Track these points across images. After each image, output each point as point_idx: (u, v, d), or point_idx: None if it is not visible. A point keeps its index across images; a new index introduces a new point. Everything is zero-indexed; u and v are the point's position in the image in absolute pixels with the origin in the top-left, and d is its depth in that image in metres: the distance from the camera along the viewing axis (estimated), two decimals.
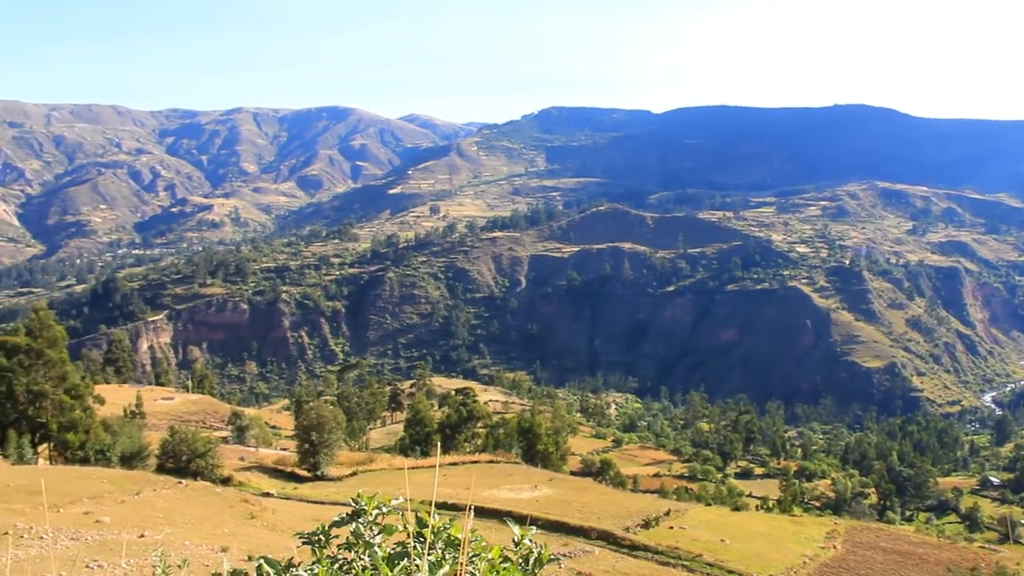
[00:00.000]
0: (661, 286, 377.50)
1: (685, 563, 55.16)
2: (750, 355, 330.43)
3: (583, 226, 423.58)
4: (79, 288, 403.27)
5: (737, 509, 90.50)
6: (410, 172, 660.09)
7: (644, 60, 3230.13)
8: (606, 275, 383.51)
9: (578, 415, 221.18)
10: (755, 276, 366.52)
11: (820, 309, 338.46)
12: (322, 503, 68.71)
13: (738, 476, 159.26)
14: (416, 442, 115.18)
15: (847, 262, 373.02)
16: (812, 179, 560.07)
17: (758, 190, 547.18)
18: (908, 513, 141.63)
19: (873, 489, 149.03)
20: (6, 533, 34.21)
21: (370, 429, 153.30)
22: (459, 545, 4.99)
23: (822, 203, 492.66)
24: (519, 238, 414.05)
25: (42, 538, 34.25)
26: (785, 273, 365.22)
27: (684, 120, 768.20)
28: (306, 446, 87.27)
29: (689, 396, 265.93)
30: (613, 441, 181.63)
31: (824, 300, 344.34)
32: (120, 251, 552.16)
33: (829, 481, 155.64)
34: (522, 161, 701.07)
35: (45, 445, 74.31)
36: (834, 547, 64.63)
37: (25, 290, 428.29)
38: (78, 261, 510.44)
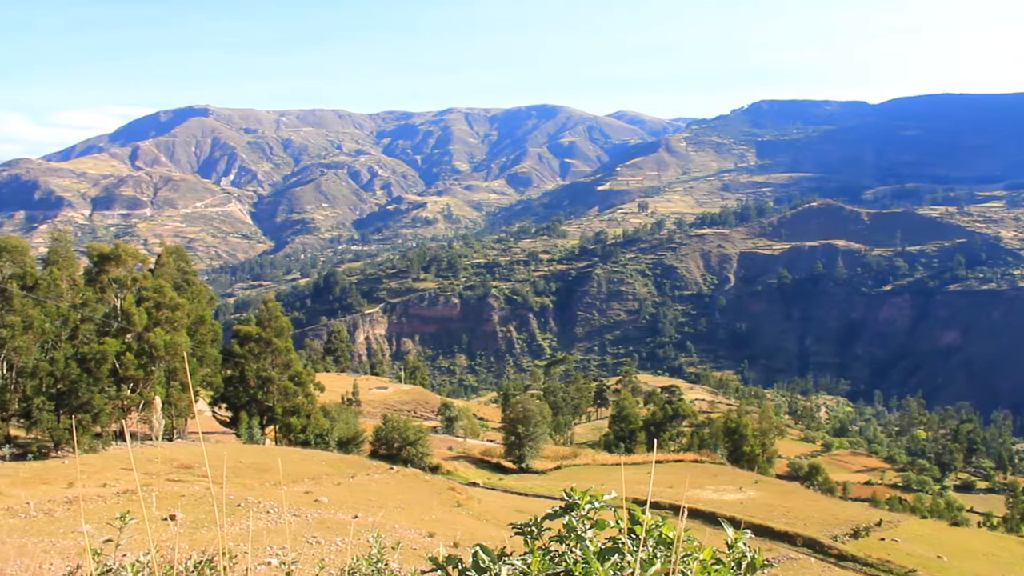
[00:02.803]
0: (876, 285, 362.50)
1: None
2: (973, 360, 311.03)
3: (794, 223, 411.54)
4: (303, 282, 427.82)
5: (956, 524, 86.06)
6: (618, 169, 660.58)
7: (859, 49, 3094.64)
8: (818, 273, 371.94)
9: (786, 417, 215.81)
10: (981, 275, 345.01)
11: None
12: (526, 495, 70.53)
13: (957, 489, 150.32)
14: (620, 439, 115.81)
15: None
16: None
17: (985, 183, 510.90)
18: None
19: None
20: (239, 505, 37.50)
21: (575, 424, 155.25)
22: (670, 544, 4.94)
23: None
24: (728, 235, 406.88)
25: (268, 512, 37.20)
26: (1016, 272, 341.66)
27: (903, 111, 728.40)
28: (512, 438, 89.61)
29: (905, 401, 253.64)
30: (822, 445, 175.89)
31: None
32: (340, 247, 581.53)
33: None
34: (731, 156, 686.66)
35: (271, 427, 79.77)
36: None
37: (256, 283, 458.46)
38: (302, 256, 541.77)
